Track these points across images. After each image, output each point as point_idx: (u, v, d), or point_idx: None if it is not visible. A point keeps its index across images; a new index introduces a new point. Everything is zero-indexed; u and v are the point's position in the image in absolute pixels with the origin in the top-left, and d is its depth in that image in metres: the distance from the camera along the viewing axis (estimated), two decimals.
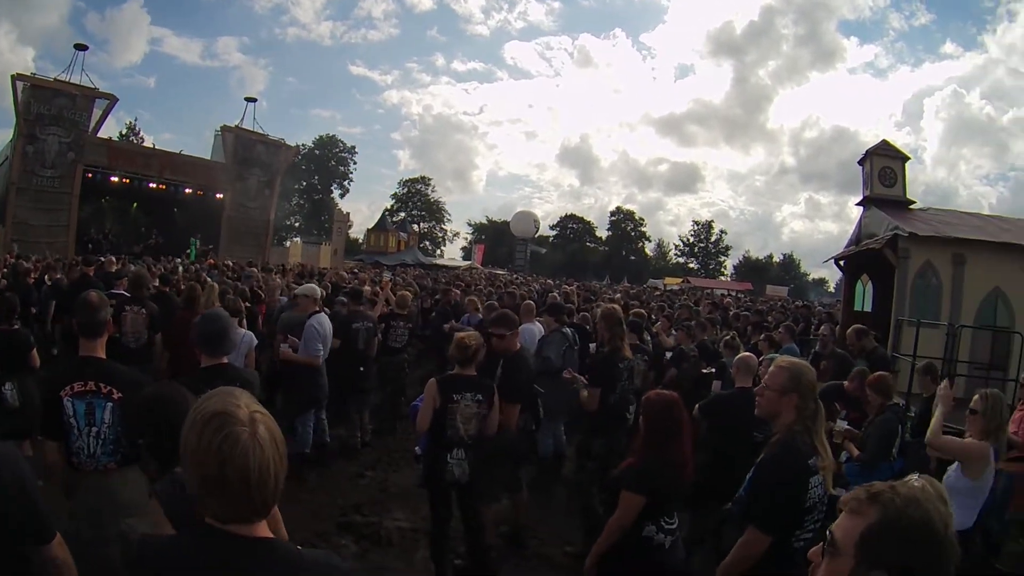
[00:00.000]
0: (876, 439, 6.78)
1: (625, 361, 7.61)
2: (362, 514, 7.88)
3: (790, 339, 11.35)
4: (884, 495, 1.84)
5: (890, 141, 18.87)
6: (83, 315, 4.52)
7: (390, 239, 62.77)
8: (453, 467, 6.06)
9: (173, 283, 12.88)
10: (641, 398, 5.29)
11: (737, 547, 3.86)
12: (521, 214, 65.25)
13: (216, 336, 4.87)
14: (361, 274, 25.43)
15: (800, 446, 3.81)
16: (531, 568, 7.04)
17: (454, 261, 66.50)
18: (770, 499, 3.79)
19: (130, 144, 56.16)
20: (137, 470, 4.28)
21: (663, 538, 4.64)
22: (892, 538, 1.79)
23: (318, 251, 54.26)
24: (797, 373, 3.93)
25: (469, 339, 6.34)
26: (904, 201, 17.62)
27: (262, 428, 1.94)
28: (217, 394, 2.01)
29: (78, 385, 4.28)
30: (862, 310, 18.07)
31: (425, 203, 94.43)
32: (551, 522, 7.99)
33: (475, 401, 6.07)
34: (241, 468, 1.86)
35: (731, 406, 6.77)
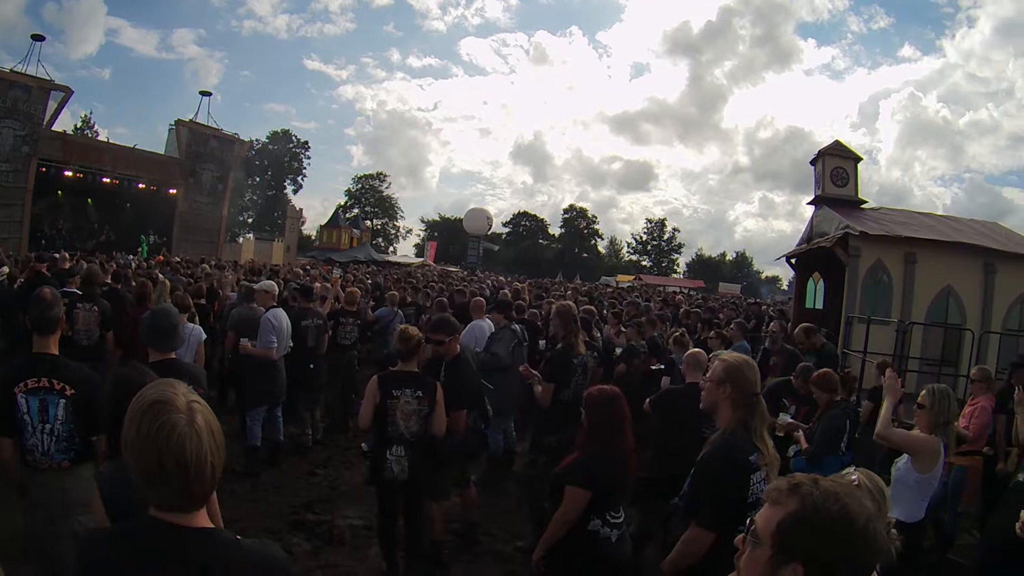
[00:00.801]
0: (823, 433, 6.82)
1: (579, 357, 7.60)
2: (314, 512, 7.84)
3: (741, 336, 11.42)
4: (804, 487, 1.86)
5: (843, 142, 19.12)
6: (37, 311, 4.55)
7: (343, 236, 62.51)
8: (392, 464, 6.06)
9: (126, 280, 12.76)
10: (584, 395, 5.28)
11: (681, 543, 3.88)
12: (474, 211, 65.51)
13: (164, 331, 4.82)
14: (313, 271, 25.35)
15: (739, 442, 3.88)
16: (483, 564, 7.02)
17: (407, 258, 66.48)
18: (711, 495, 3.81)
19: (85, 138, 55.49)
20: (90, 467, 4.41)
21: (609, 532, 4.64)
22: (807, 530, 1.79)
23: (271, 248, 53.96)
24: (732, 366, 4.00)
25: (412, 331, 6.37)
26: (856, 201, 17.82)
27: (199, 417, 1.94)
28: (156, 385, 2.03)
29: (31, 381, 4.31)
30: (813, 307, 18.15)
31: (378, 199, 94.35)
32: (502, 518, 7.99)
33: (415, 397, 6.07)
34: (178, 456, 1.86)
35: (681, 401, 6.73)
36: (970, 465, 7.62)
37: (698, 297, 38.40)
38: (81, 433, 4.41)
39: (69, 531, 4.14)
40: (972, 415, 7.71)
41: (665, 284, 65.04)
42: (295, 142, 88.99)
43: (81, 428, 4.41)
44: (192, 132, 43.96)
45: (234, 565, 2.00)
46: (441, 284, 22.16)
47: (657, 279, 74.86)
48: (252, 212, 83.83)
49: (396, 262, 55.71)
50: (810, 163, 18.92)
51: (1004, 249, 15.87)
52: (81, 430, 4.41)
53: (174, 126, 45.26)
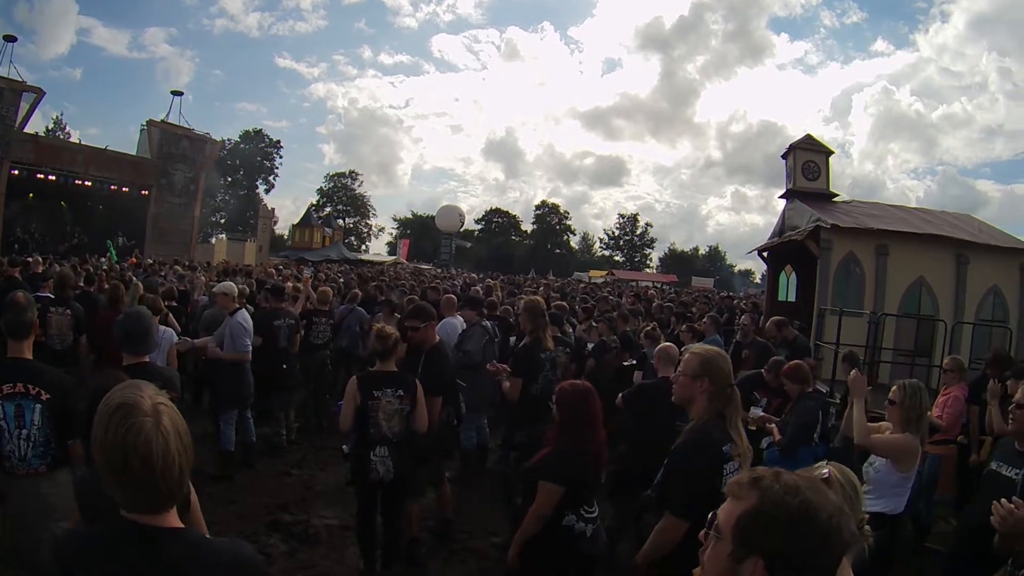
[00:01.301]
0: (795, 425, 6.83)
1: (546, 352, 7.64)
2: (290, 513, 7.80)
3: (714, 330, 11.38)
4: (764, 481, 1.85)
5: (814, 135, 19.18)
6: (11, 316, 4.53)
7: (315, 235, 62.61)
8: (376, 465, 6.02)
9: (98, 283, 12.72)
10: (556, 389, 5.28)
11: (655, 533, 3.90)
12: (446, 208, 65.46)
13: (137, 335, 4.80)
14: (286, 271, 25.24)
15: (713, 433, 3.88)
16: (459, 561, 7.03)
17: (380, 256, 66.31)
18: (684, 485, 3.82)
19: (57, 140, 55.66)
20: (67, 472, 4.42)
21: (584, 527, 4.64)
22: (767, 524, 1.78)
23: (243, 248, 53.72)
24: (708, 359, 4.00)
25: (388, 330, 6.36)
26: (827, 194, 17.88)
27: (166, 419, 1.96)
28: (122, 387, 2.04)
29: (7, 387, 4.29)
30: (786, 300, 18.36)
31: (351, 198, 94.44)
32: (477, 514, 8.00)
33: (396, 397, 6.05)
34: (145, 458, 1.88)
35: (654, 395, 6.70)
36: (944, 454, 7.70)
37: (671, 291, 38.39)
38: (57, 438, 4.39)
39: (49, 537, 4.05)
40: (945, 405, 7.79)
41: (638, 279, 65.36)
42: (267, 141, 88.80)
43: (57, 433, 4.38)
44: (163, 133, 43.75)
45: (204, 564, 2.01)
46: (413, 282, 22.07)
47: (630, 274, 75.77)
48: (224, 212, 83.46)
49: (369, 260, 55.52)
50: (781, 157, 18.98)
51: (976, 240, 15.94)
52: (57, 435, 4.38)
53: (145, 127, 45.00)
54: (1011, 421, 4.83)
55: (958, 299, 15.26)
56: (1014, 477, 4.53)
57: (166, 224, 43.94)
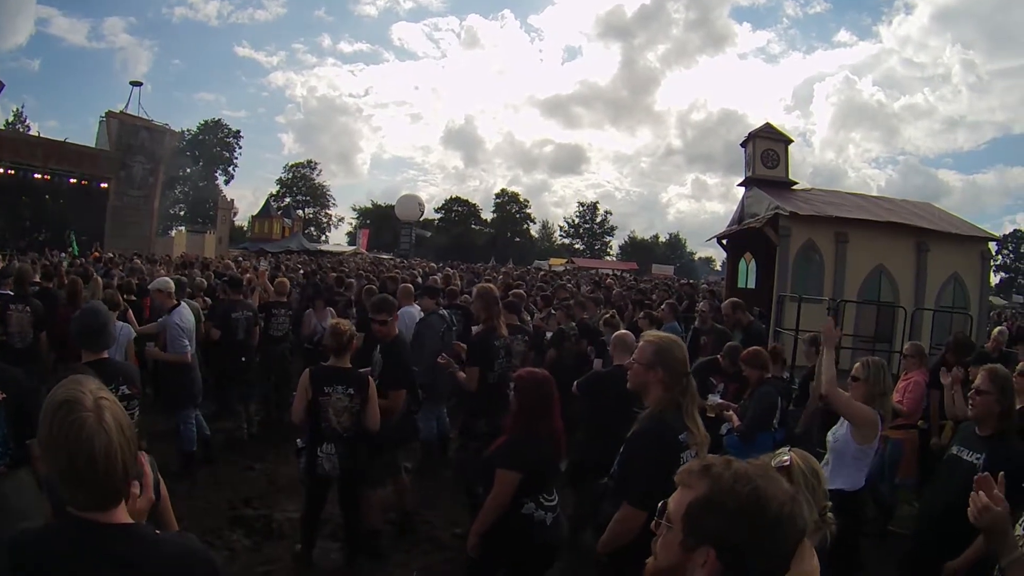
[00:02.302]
0: (754, 411, 6.88)
1: (501, 339, 7.59)
2: (252, 507, 7.78)
3: (672, 317, 11.43)
4: (715, 469, 1.86)
5: (773, 124, 19.31)
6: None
7: (275, 226, 62.68)
8: (323, 461, 6.08)
9: (56, 278, 12.58)
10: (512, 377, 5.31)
11: (613, 523, 3.87)
12: (405, 197, 65.20)
13: (93, 331, 4.80)
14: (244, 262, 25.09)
15: (669, 421, 3.87)
16: (421, 552, 7.00)
17: (339, 247, 66.35)
18: (640, 474, 3.80)
19: (16, 133, 54.70)
20: (28, 472, 4.34)
21: (543, 515, 4.66)
22: (716, 512, 1.78)
23: (203, 240, 53.57)
24: (662, 347, 4.00)
25: (344, 325, 6.36)
26: (787, 182, 18.01)
27: (108, 414, 1.95)
28: (65, 383, 2.02)
29: None
30: (745, 287, 18.48)
31: (310, 188, 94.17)
32: (439, 505, 8.02)
33: (346, 394, 6.07)
34: (88, 454, 1.88)
35: (609, 383, 6.67)
36: (906, 438, 7.72)
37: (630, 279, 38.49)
38: (16, 437, 4.31)
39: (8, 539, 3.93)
40: (906, 390, 7.80)
41: (598, 267, 65.14)
42: (226, 131, 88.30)
43: (15, 432, 4.30)
44: (122, 124, 43.84)
45: (154, 559, 2.01)
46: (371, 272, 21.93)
47: (590, 262, 75.75)
48: (184, 204, 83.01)
49: (329, 251, 55.60)
50: (740, 145, 19.08)
51: (936, 228, 16.15)
52: (15, 434, 4.30)
53: (104, 118, 44.99)
54: (971, 406, 4.83)
55: (918, 286, 15.47)
56: (975, 462, 4.54)
57: (125, 217, 43.85)
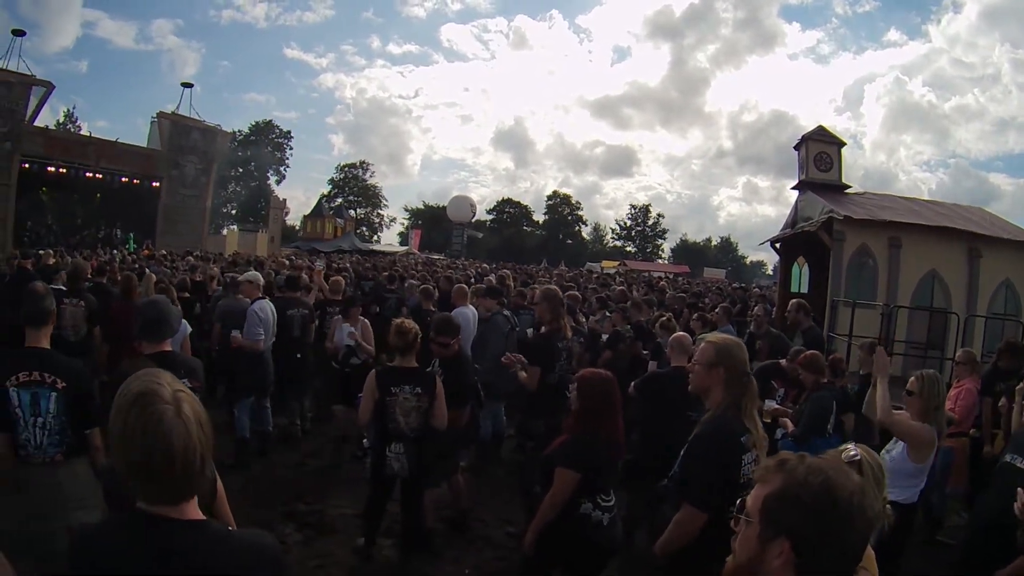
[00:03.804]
0: (809, 416, 6.82)
1: (564, 341, 7.59)
2: (305, 502, 7.79)
3: (726, 320, 11.32)
4: (789, 463, 1.91)
5: (826, 127, 19.12)
6: (29, 305, 4.51)
7: (327, 225, 62.79)
8: (392, 461, 6.05)
9: (109, 274, 12.68)
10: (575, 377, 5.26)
11: (673, 525, 3.84)
12: (457, 199, 65.44)
13: (153, 322, 4.78)
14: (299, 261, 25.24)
15: (731, 423, 3.83)
16: (474, 550, 6.98)
17: (391, 247, 66.54)
18: (703, 476, 3.78)
19: (67, 133, 55.23)
20: (84, 462, 4.45)
21: (600, 515, 4.64)
22: (791, 505, 1.83)
23: (255, 239, 54.06)
24: (724, 348, 3.97)
25: (408, 325, 6.31)
26: (840, 185, 17.80)
27: (186, 407, 1.91)
28: (140, 376, 1.97)
29: (23, 375, 4.27)
30: (798, 292, 18.22)
31: (362, 188, 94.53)
32: (492, 503, 8.00)
33: (414, 394, 6.04)
34: (166, 448, 1.83)
35: (666, 384, 6.71)
36: (957, 446, 7.62)
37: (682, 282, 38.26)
38: (74, 426, 4.38)
39: (64, 527, 4.11)
40: (958, 397, 7.70)
41: (650, 269, 64.94)
42: (278, 132, 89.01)
43: (73, 421, 4.38)
44: (174, 124, 44.20)
45: (225, 555, 1.96)
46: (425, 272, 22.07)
47: (642, 264, 75.42)
48: (235, 204, 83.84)
49: (381, 251, 55.81)
50: (794, 148, 18.91)
51: (988, 234, 15.92)
52: (73, 423, 4.38)
53: (156, 119, 45.39)
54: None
55: (970, 292, 15.21)
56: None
57: (177, 215, 44.22)
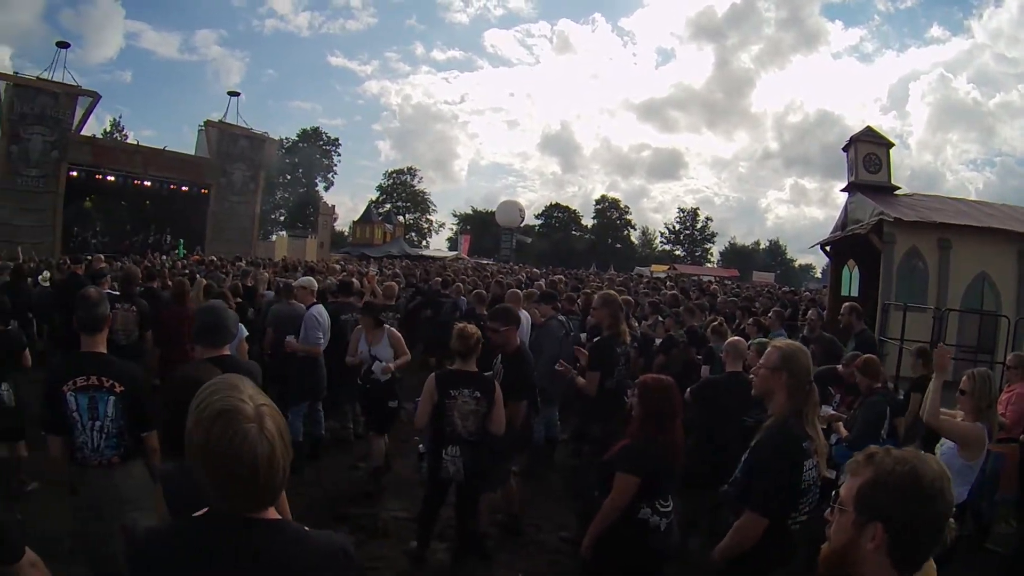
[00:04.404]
0: (863, 421, 6.77)
1: (623, 346, 7.65)
2: (358, 505, 7.87)
3: (779, 324, 11.38)
4: (878, 455, 2.12)
5: (874, 127, 18.86)
6: (83, 311, 4.56)
7: (376, 231, 62.84)
8: (448, 464, 6.09)
9: (160, 279, 12.88)
10: (635, 382, 5.28)
11: (734, 530, 3.90)
12: (506, 204, 65.41)
13: (211, 327, 4.82)
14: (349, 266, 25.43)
15: (793, 429, 3.86)
16: (527, 554, 7.01)
17: (440, 252, 66.25)
18: (766, 482, 3.81)
19: (114, 141, 55.89)
20: (140, 464, 4.56)
21: (659, 520, 4.66)
22: (882, 492, 2.04)
23: (304, 244, 54.00)
24: (789, 353, 3.97)
25: (470, 330, 6.32)
26: (889, 187, 17.60)
27: (269, 421, 1.93)
28: (220, 389, 1.99)
29: (80, 380, 4.36)
30: (848, 295, 17.92)
31: (410, 194, 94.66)
32: (545, 508, 8.00)
33: (473, 398, 6.06)
34: (251, 464, 1.87)
35: (722, 390, 6.84)
36: (1007, 452, 7.47)
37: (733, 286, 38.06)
38: (131, 429, 4.49)
39: (119, 528, 4.18)
40: (1009, 402, 7.61)
41: (700, 273, 64.12)
42: (325, 139, 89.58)
43: (131, 424, 4.49)
44: (221, 132, 44.91)
45: (302, 554, 2.02)
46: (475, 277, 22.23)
47: (691, 268, 74.98)
48: (284, 210, 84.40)
49: (430, 256, 55.78)
50: (842, 150, 18.60)
51: None
52: (131, 426, 4.49)
53: (203, 127, 46.11)
54: None
55: (1021, 294, 14.96)
56: None
57: (226, 222, 44.85)
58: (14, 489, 7.20)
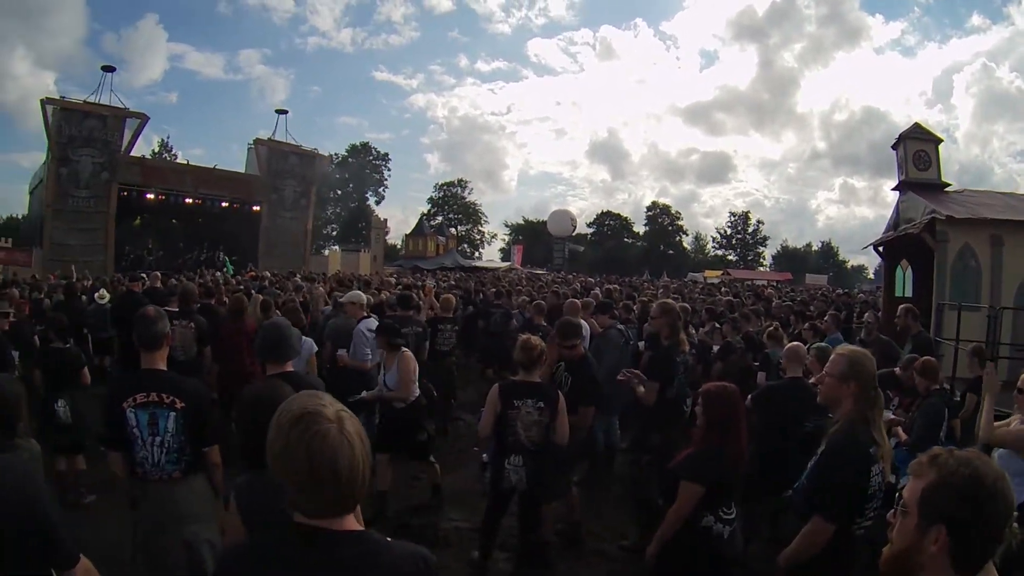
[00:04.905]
0: (922, 423, 6.75)
1: (682, 355, 7.64)
2: (418, 516, 7.97)
3: (835, 328, 11.25)
4: (940, 457, 2.15)
5: (922, 124, 18.69)
6: (141, 329, 4.64)
7: (429, 243, 63.50)
8: (510, 474, 6.11)
9: (216, 296, 13.27)
10: (695, 391, 5.42)
11: (801, 536, 3.91)
12: (558, 213, 65.34)
13: (278, 343, 4.96)
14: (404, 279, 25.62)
15: (860, 435, 3.87)
16: (587, 564, 7.01)
17: (493, 263, 66.53)
18: (834, 488, 3.84)
19: (163, 161, 57.60)
20: (202, 479, 4.63)
21: (722, 528, 4.69)
22: (945, 493, 2.07)
23: (357, 258, 54.40)
24: (855, 360, 3.99)
25: (534, 342, 6.28)
26: (939, 184, 17.40)
27: (348, 425, 1.99)
28: (301, 396, 2.07)
29: (140, 396, 4.44)
30: (903, 296, 17.50)
31: (461, 206, 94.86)
32: (605, 517, 8.02)
33: (536, 408, 6.04)
34: (331, 465, 1.92)
35: (783, 396, 6.83)
36: None
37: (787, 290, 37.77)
38: (192, 444, 4.55)
39: (180, 542, 4.34)
40: None
41: (753, 278, 64.05)
42: (375, 154, 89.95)
43: (192, 440, 4.54)
44: (271, 150, 45.77)
45: (384, 565, 2.06)
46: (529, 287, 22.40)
47: (745, 273, 74.72)
48: (336, 224, 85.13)
49: (483, 267, 55.89)
50: (892, 148, 18.53)
51: None
52: (192, 442, 4.54)
53: (252, 145, 46.91)
54: None
55: None
56: None
57: (278, 237, 45.54)
58: (72, 501, 7.42)
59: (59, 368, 7.80)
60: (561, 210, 67.58)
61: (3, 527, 2.49)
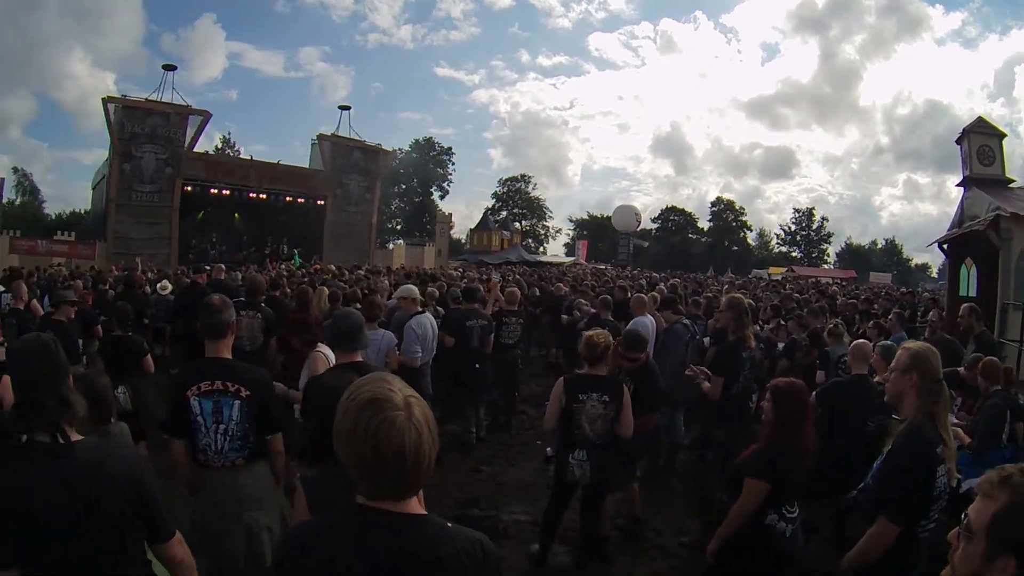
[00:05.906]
0: (985, 426, 6.66)
1: (748, 351, 7.70)
2: (480, 508, 8.02)
3: (900, 327, 11.20)
4: (1014, 478, 1.98)
5: (986, 117, 18.43)
6: (206, 318, 4.72)
7: (493, 238, 63.74)
8: (574, 467, 6.14)
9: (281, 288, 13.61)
10: (762, 386, 5.52)
11: (867, 537, 3.85)
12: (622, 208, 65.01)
13: (350, 333, 5.04)
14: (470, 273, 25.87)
15: (927, 434, 3.80)
16: (648, 559, 7.05)
17: (557, 257, 66.91)
18: (902, 489, 3.79)
19: (227, 157, 59.26)
20: (264, 465, 4.74)
21: (785, 526, 4.66)
22: (1019, 521, 1.92)
23: (422, 252, 54.90)
24: (918, 354, 3.94)
25: (599, 337, 6.29)
26: (1004, 180, 17.04)
27: (417, 411, 2.01)
28: (370, 381, 2.09)
29: (204, 385, 4.53)
30: (967, 295, 16.82)
31: (526, 201, 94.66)
32: (665, 512, 8.03)
33: (601, 402, 6.07)
34: (398, 450, 1.94)
35: (847, 393, 6.81)
36: None
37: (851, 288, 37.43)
38: (256, 432, 4.61)
39: (240, 526, 4.46)
40: None
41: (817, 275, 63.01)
42: (439, 149, 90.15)
43: (256, 428, 4.60)
44: (335, 145, 46.49)
45: (447, 548, 2.07)
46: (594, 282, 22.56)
47: (808, 270, 73.81)
48: (400, 219, 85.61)
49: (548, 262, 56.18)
50: (955, 143, 18.19)
51: None
52: (256, 430, 4.60)
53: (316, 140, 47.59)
54: None
55: None
56: None
57: (343, 231, 46.24)
58: None
59: (121, 356, 8.01)
60: (625, 205, 67.28)
61: (116, 508, 2.76)
